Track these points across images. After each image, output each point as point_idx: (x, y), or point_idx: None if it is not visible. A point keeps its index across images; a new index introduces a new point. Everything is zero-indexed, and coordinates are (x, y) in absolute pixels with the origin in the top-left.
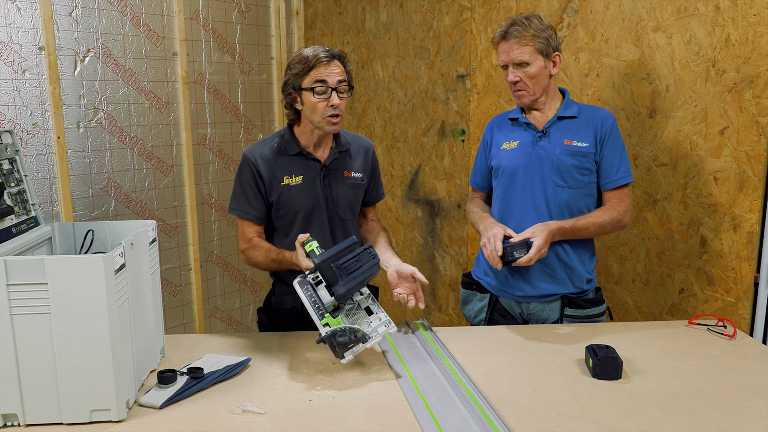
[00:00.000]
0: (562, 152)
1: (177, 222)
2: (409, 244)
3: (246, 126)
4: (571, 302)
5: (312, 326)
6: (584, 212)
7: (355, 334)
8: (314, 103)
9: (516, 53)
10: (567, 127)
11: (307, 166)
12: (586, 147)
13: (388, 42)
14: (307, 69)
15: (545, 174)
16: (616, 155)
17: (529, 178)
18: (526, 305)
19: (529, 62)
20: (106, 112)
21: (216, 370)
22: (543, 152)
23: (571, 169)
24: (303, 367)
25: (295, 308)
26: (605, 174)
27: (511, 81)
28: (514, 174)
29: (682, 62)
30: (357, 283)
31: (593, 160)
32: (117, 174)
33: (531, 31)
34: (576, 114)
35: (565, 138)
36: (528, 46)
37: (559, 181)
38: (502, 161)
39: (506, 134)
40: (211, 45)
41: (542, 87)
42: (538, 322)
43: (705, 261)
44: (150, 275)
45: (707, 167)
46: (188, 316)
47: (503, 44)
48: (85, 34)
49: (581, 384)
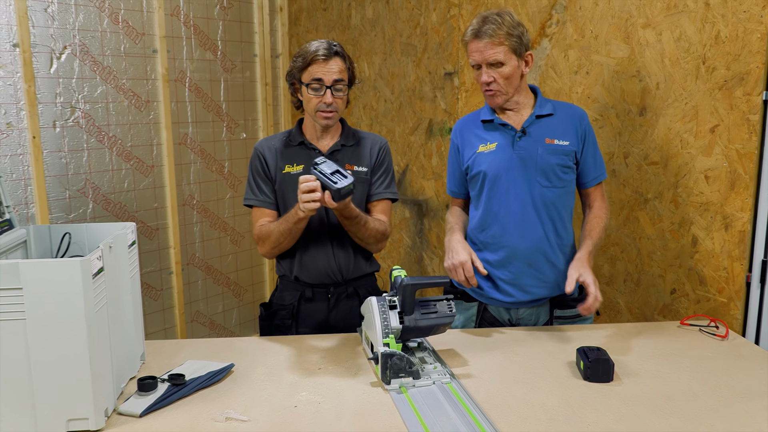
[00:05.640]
0: (545, 151)
1: (157, 224)
2: (396, 246)
3: (228, 125)
4: (559, 303)
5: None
6: (569, 211)
7: (410, 366)
8: (309, 98)
9: (490, 53)
10: (546, 125)
11: (307, 156)
12: (567, 145)
13: (375, 39)
14: (306, 64)
15: (530, 175)
16: (597, 152)
17: (512, 181)
18: (515, 311)
19: (503, 62)
20: (84, 111)
21: (198, 376)
22: (525, 153)
23: (555, 168)
24: (288, 373)
25: (292, 305)
26: (588, 171)
27: (485, 81)
28: (497, 177)
29: (672, 59)
30: (427, 326)
31: (574, 158)
32: (95, 175)
33: (505, 29)
34: (552, 111)
35: (546, 137)
36: (502, 45)
37: (544, 181)
38: (483, 165)
39: (480, 137)
40: (193, 42)
41: (515, 87)
42: (528, 326)
43: (696, 261)
44: (129, 279)
45: (698, 165)
46: (169, 321)
47: (475, 43)
48: (62, 30)
49: (572, 387)
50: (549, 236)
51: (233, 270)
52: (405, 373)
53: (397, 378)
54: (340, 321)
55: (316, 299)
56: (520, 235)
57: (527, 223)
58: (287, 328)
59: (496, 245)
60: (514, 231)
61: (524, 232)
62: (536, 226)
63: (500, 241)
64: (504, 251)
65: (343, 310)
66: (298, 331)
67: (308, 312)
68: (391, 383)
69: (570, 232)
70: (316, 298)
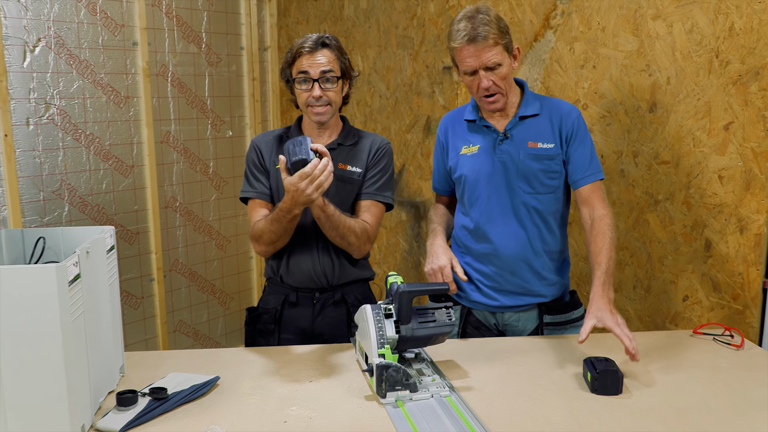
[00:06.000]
0: (527, 156)
1: (138, 228)
2: (392, 250)
3: (213, 122)
4: (548, 309)
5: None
6: (557, 218)
7: (407, 378)
8: (299, 93)
9: (488, 56)
10: (530, 127)
11: None
12: (552, 148)
13: (369, 31)
14: (292, 59)
15: (511, 181)
16: (586, 151)
17: (494, 187)
18: (500, 315)
19: (501, 63)
20: (59, 108)
21: (181, 390)
22: (506, 157)
23: (539, 174)
24: (277, 386)
25: (275, 308)
26: (577, 171)
27: (485, 87)
28: (477, 182)
29: (683, 53)
30: (424, 336)
31: (561, 162)
32: (71, 175)
33: (495, 27)
34: (538, 111)
35: (528, 140)
36: (498, 45)
37: (527, 187)
38: (464, 169)
39: (464, 137)
40: (175, 34)
41: (510, 86)
42: (515, 332)
43: (710, 266)
44: (108, 287)
45: (711, 165)
46: (150, 331)
47: (469, 48)
48: (36, 21)
49: (579, 400)
50: (534, 244)
51: (219, 276)
52: (401, 386)
53: (393, 391)
54: (326, 329)
55: (301, 304)
56: (502, 243)
57: (510, 230)
58: (270, 333)
59: (478, 251)
60: (496, 238)
61: (506, 240)
62: (519, 234)
63: (482, 247)
64: (486, 258)
65: (328, 317)
66: (280, 337)
67: (291, 317)
68: (387, 396)
69: (559, 238)
70: (300, 303)
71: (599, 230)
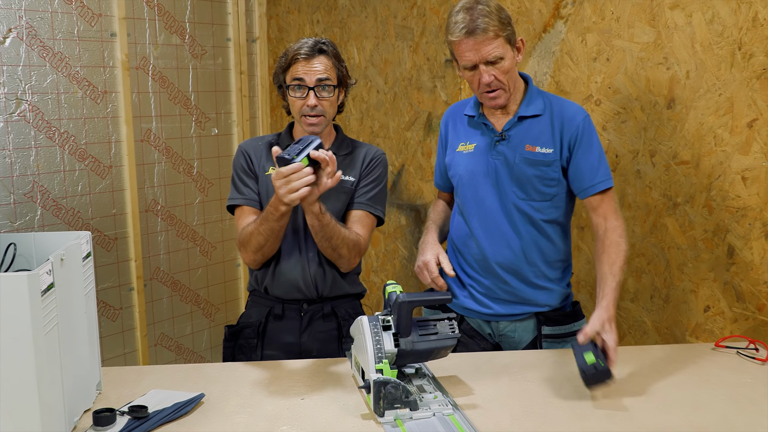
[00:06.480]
0: (522, 161)
1: (116, 233)
2: (390, 257)
3: (198, 119)
4: (547, 319)
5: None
6: (557, 226)
7: (407, 395)
8: (293, 101)
9: (488, 49)
10: (529, 128)
11: None
12: (550, 154)
13: (365, 21)
14: (288, 64)
15: (504, 185)
16: (593, 158)
17: (487, 189)
18: (495, 324)
19: (503, 56)
20: (31, 104)
21: (163, 408)
22: (501, 159)
23: (533, 180)
24: (266, 404)
25: (259, 322)
26: (584, 180)
27: (486, 82)
28: (470, 184)
29: (703, 44)
30: (425, 350)
31: (559, 168)
32: (44, 176)
33: (496, 18)
34: (540, 111)
35: (526, 143)
36: (499, 37)
37: (520, 193)
38: (459, 168)
39: (462, 133)
40: (157, 24)
41: (514, 80)
42: (511, 343)
43: (733, 274)
44: (84, 297)
45: (734, 165)
46: (130, 344)
47: (468, 41)
48: (6, 11)
49: (592, 419)
50: (528, 253)
51: (203, 286)
52: (401, 404)
53: (392, 409)
54: (314, 345)
55: (287, 317)
56: (494, 249)
57: (503, 236)
58: (252, 349)
59: (471, 255)
60: (488, 244)
61: (498, 247)
62: (513, 241)
63: (474, 251)
64: (479, 264)
65: (317, 332)
66: (263, 353)
67: (276, 331)
68: (385, 415)
69: (561, 248)
70: (286, 315)
71: (612, 241)
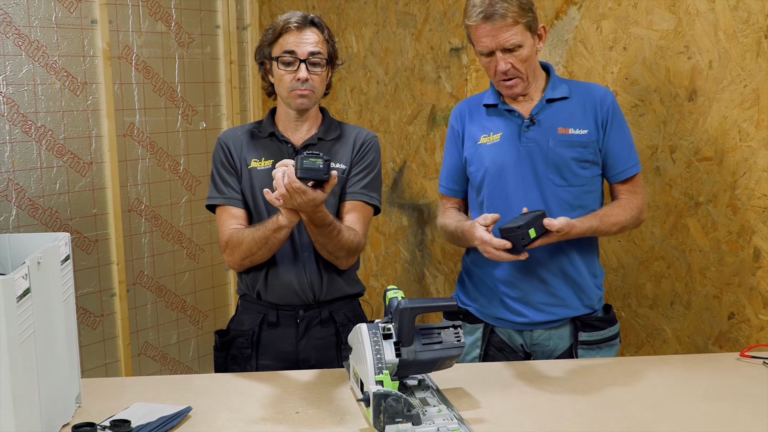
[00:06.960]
0: (557, 144)
1: (97, 235)
2: (392, 260)
3: (185, 112)
4: (584, 324)
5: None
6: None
7: (409, 408)
8: (281, 75)
9: (506, 36)
10: (559, 111)
11: (277, 150)
12: (585, 135)
13: (364, 6)
14: (276, 36)
15: (539, 172)
16: (624, 141)
17: (520, 179)
18: (528, 334)
19: (521, 44)
20: (6, 96)
21: (147, 422)
22: (533, 145)
23: (571, 164)
24: (258, 418)
25: (252, 330)
26: (615, 164)
27: (502, 70)
28: (500, 175)
29: (727, 32)
30: (429, 360)
31: (596, 150)
32: (19, 174)
33: (516, 4)
34: (567, 94)
35: (558, 126)
36: (518, 24)
37: (558, 179)
38: (485, 160)
39: (482, 125)
40: (140, 10)
41: (534, 69)
42: (545, 353)
43: (760, 278)
44: (62, 303)
45: (760, 162)
46: (111, 354)
47: (485, 26)
48: None
49: None
50: (565, 246)
51: (190, 291)
52: (403, 418)
53: (393, 424)
54: (312, 353)
55: (282, 324)
56: None
57: None
58: (246, 359)
59: None
60: None
61: None
62: None
63: None
64: (510, 264)
65: (314, 339)
66: (258, 363)
67: (271, 340)
68: (386, 430)
69: (594, 240)
70: (281, 322)
71: (622, 208)
